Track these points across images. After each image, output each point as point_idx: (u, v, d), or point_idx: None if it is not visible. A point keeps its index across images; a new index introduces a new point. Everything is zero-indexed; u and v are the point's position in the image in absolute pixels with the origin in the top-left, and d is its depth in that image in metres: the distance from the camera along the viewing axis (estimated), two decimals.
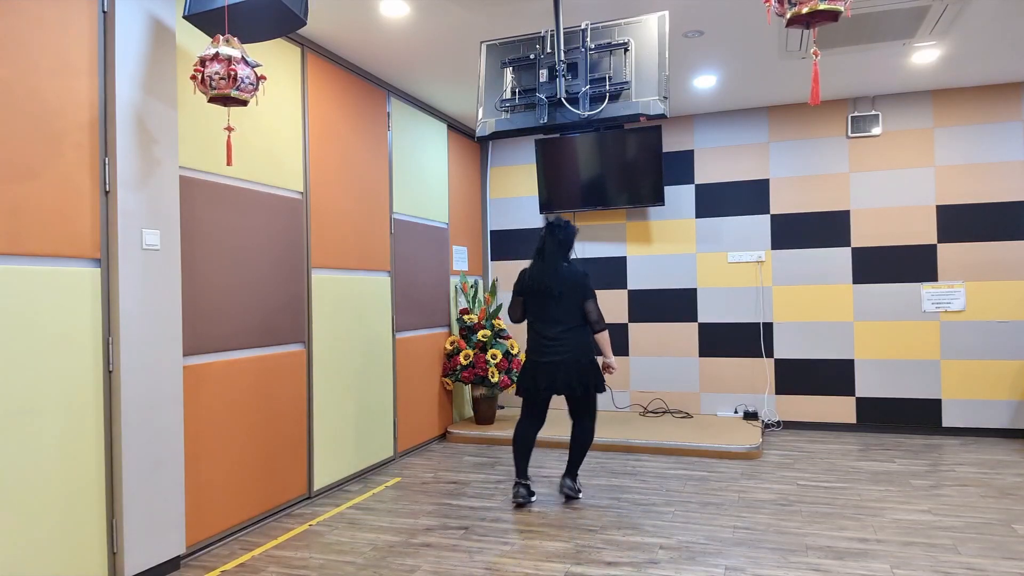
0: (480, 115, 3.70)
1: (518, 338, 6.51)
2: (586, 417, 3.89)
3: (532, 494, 3.90)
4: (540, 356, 3.78)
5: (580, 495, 3.97)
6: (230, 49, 2.65)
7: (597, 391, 3.82)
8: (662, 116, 3.33)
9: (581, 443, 3.91)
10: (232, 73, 2.63)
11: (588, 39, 3.46)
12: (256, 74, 2.72)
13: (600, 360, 3.99)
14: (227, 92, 2.65)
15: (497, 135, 3.67)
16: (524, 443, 3.86)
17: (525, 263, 6.50)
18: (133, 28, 2.86)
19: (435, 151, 5.62)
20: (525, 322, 3.90)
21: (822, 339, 5.65)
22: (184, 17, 2.91)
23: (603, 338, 3.85)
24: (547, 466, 4.70)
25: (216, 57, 2.65)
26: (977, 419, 5.29)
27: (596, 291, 6.28)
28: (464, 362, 5.47)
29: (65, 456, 2.60)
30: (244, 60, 2.67)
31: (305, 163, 4.05)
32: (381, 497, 4.09)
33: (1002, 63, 4.76)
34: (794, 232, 5.73)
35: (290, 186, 3.92)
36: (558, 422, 5.73)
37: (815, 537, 3.31)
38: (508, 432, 5.42)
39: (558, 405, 6.40)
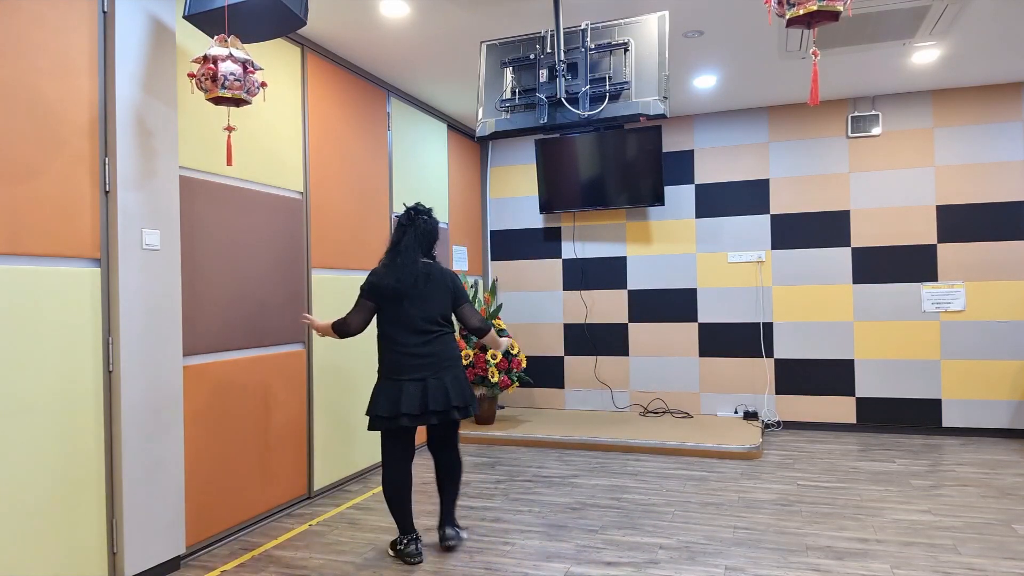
0: (480, 115, 3.70)
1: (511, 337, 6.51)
2: (455, 445, 3.28)
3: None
4: (402, 374, 3.04)
5: (465, 535, 3.37)
6: (218, 49, 2.64)
7: (471, 412, 3.15)
8: (662, 116, 3.34)
9: (455, 477, 3.26)
10: (211, 72, 2.62)
11: (588, 39, 3.46)
12: (245, 68, 2.69)
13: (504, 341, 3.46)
14: (216, 92, 2.65)
15: (497, 135, 3.67)
16: (403, 489, 3.14)
17: (525, 263, 6.50)
18: (133, 28, 2.86)
19: (435, 151, 5.62)
20: (362, 334, 3.20)
21: (822, 339, 5.65)
22: (184, 17, 2.91)
23: (492, 337, 3.30)
24: (547, 466, 4.70)
25: (205, 60, 2.64)
26: (977, 419, 5.29)
27: (596, 291, 6.28)
28: (464, 362, 5.47)
29: (65, 456, 2.60)
30: (231, 56, 2.65)
31: (305, 163, 4.05)
32: (381, 497, 4.09)
33: (1002, 63, 4.76)
34: (794, 232, 5.73)
35: (290, 186, 3.92)
36: (567, 421, 5.73)
37: (815, 537, 3.31)
38: (509, 432, 5.42)
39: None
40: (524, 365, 5.80)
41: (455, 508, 3.30)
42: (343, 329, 3.11)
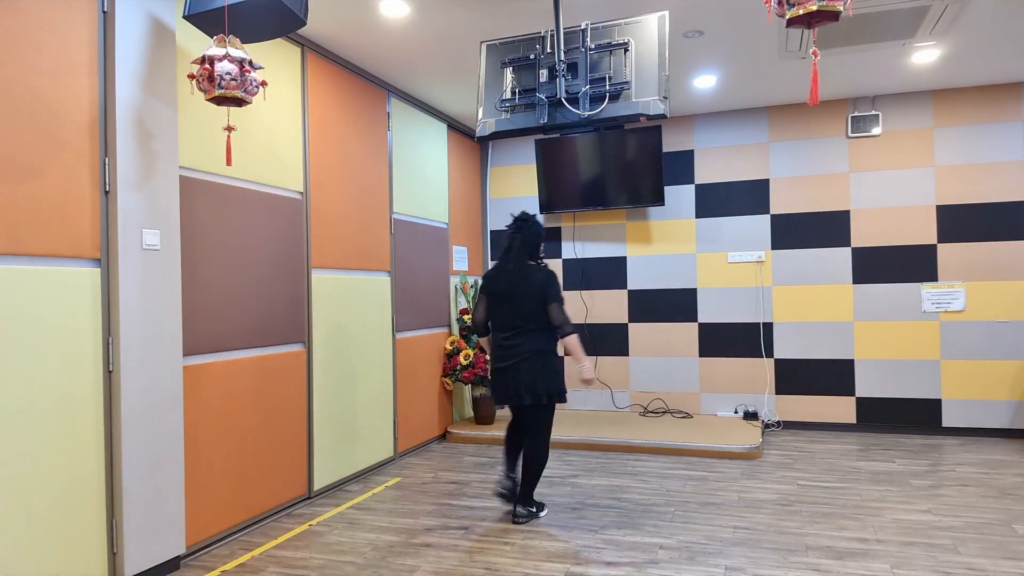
0: (480, 115, 3.70)
1: None
2: (534, 432, 3.57)
3: (517, 487, 3.64)
4: (496, 362, 3.57)
5: (542, 514, 3.70)
6: (216, 49, 2.64)
7: (552, 400, 3.51)
8: (662, 116, 3.33)
9: (527, 465, 3.60)
10: (206, 73, 2.62)
11: (588, 39, 3.46)
12: (241, 67, 2.68)
13: (580, 367, 3.58)
14: (214, 93, 2.64)
15: (497, 135, 3.67)
16: (508, 444, 3.74)
17: None
18: (133, 28, 2.86)
19: (435, 151, 5.62)
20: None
21: (822, 339, 5.65)
22: (184, 17, 2.91)
23: (572, 342, 3.49)
24: (547, 466, 4.69)
25: (202, 61, 2.64)
26: (977, 419, 5.29)
27: (596, 291, 6.28)
28: (464, 362, 5.47)
29: (65, 456, 2.60)
30: (227, 56, 2.65)
31: (305, 163, 4.05)
32: (381, 497, 4.09)
33: (1002, 63, 4.76)
34: (794, 232, 5.73)
35: (290, 186, 3.92)
36: (567, 421, 5.73)
37: (815, 537, 3.31)
38: None
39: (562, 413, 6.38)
40: None
41: (530, 491, 3.62)
42: (472, 327, 3.76)
